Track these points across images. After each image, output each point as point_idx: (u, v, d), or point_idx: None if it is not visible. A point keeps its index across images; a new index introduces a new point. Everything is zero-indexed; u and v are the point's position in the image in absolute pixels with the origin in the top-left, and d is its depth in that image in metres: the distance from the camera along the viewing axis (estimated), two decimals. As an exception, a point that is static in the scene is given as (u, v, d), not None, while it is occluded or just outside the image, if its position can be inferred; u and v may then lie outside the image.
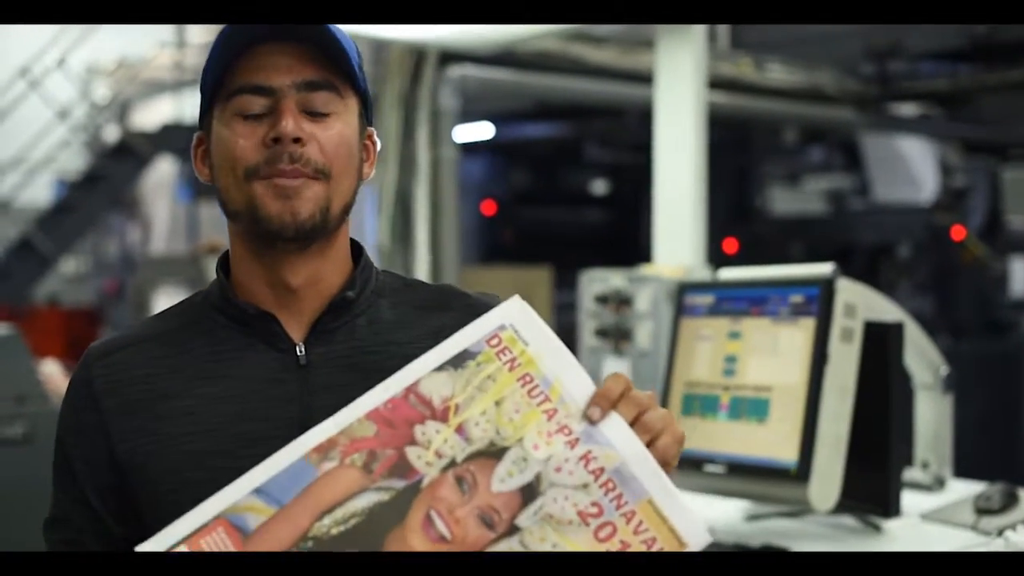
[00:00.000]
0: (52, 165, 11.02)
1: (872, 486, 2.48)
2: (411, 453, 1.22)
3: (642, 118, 7.54)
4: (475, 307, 1.51)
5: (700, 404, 2.59)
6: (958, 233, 11.32)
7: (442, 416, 1.24)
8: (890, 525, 2.53)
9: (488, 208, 13.65)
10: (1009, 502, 2.52)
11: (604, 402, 1.25)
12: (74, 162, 11.61)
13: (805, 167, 13.31)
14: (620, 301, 3.95)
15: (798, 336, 2.44)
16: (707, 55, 5.67)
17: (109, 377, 1.45)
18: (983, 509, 2.51)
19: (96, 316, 11.52)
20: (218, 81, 1.41)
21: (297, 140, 1.38)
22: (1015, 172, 11.90)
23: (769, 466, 2.41)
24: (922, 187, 12.41)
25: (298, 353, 1.44)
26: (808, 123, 11.50)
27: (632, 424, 1.25)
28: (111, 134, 12.00)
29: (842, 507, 2.45)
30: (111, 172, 10.56)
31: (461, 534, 1.18)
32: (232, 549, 1.18)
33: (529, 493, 1.20)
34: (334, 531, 1.19)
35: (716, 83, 8.13)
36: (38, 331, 8.63)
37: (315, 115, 1.41)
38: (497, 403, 1.24)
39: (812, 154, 13.25)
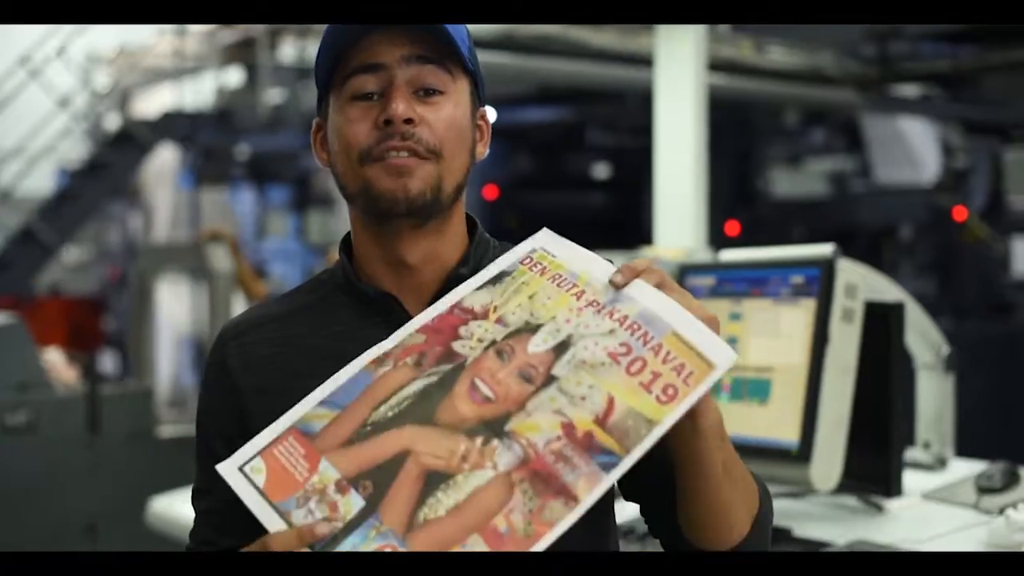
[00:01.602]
0: (53, 154, 11.03)
1: (874, 466, 2.48)
2: (456, 345, 1.33)
3: (643, 101, 7.52)
4: None
5: (702, 386, 2.58)
6: (960, 214, 11.32)
7: (483, 316, 1.34)
8: (892, 505, 2.53)
9: (490, 193, 13.66)
10: (1010, 481, 2.52)
11: (627, 270, 1.31)
12: (75, 151, 11.62)
13: (806, 149, 13.30)
14: (622, 284, 3.95)
15: (799, 317, 2.44)
16: (707, 38, 5.66)
17: (242, 356, 1.51)
18: (984, 488, 2.52)
19: (99, 304, 11.53)
20: (332, 69, 1.46)
21: (408, 121, 1.42)
22: (1017, 152, 11.89)
23: (771, 447, 2.41)
24: (924, 168, 12.41)
25: None
26: (809, 104, 11.50)
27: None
28: (112, 122, 11.99)
29: (844, 487, 2.45)
30: (112, 160, 10.56)
31: (503, 392, 1.26)
32: (301, 452, 1.29)
33: (562, 348, 1.27)
34: (389, 414, 1.29)
35: (716, 65, 8.13)
36: (41, 320, 8.64)
37: (426, 95, 1.44)
38: (530, 297, 1.34)
39: (813, 136, 13.24)
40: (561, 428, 1.21)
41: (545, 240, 1.40)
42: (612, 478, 1.18)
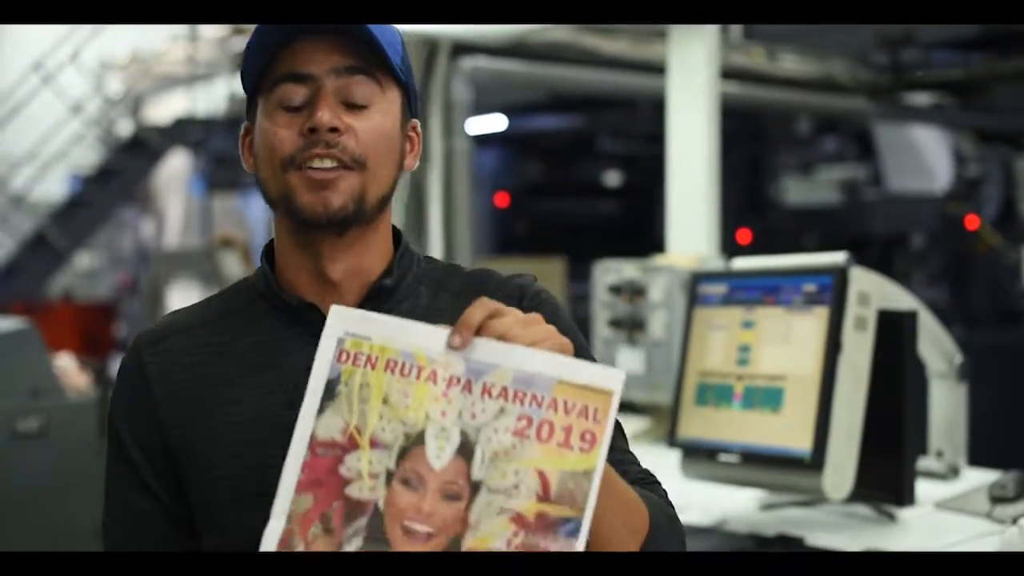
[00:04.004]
0: (66, 160, 11.06)
1: (886, 475, 2.47)
2: (351, 491, 1.25)
3: (655, 109, 7.52)
4: (507, 288, 1.53)
5: (714, 393, 2.58)
6: (972, 223, 11.29)
7: (352, 445, 1.26)
8: (904, 514, 2.53)
9: (501, 200, 13.67)
10: (1023, 490, 2.51)
11: (463, 328, 1.25)
12: (87, 157, 11.64)
13: (818, 157, 13.28)
14: (634, 291, 3.93)
15: (812, 325, 2.43)
16: (720, 45, 5.65)
17: (159, 364, 1.48)
18: (997, 497, 2.51)
19: (111, 310, 11.55)
20: (260, 73, 1.44)
21: (334, 130, 1.41)
22: (1029, 161, 11.87)
23: (783, 455, 2.41)
24: (936, 177, 12.38)
25: None
26: (821, 113, 11.48)
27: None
28: (124, 128, 12.02)
29: (856, 496, 2.44)
30: (125, 166, 10.59)
31: (439, 522, 1.22)
32: None
33: (466, 450, 1.24)
34: None
35: (729, 73, 8.12)
36: (53, 326, 8.65)
37: (354, 107, 1.43)
38: (385, 401, 1.27)
39: (825, 144, 13.23)
40: (512, 524, 1.21)
41: (342, 324, 1.31)
42: (583, 538, 1.19)
